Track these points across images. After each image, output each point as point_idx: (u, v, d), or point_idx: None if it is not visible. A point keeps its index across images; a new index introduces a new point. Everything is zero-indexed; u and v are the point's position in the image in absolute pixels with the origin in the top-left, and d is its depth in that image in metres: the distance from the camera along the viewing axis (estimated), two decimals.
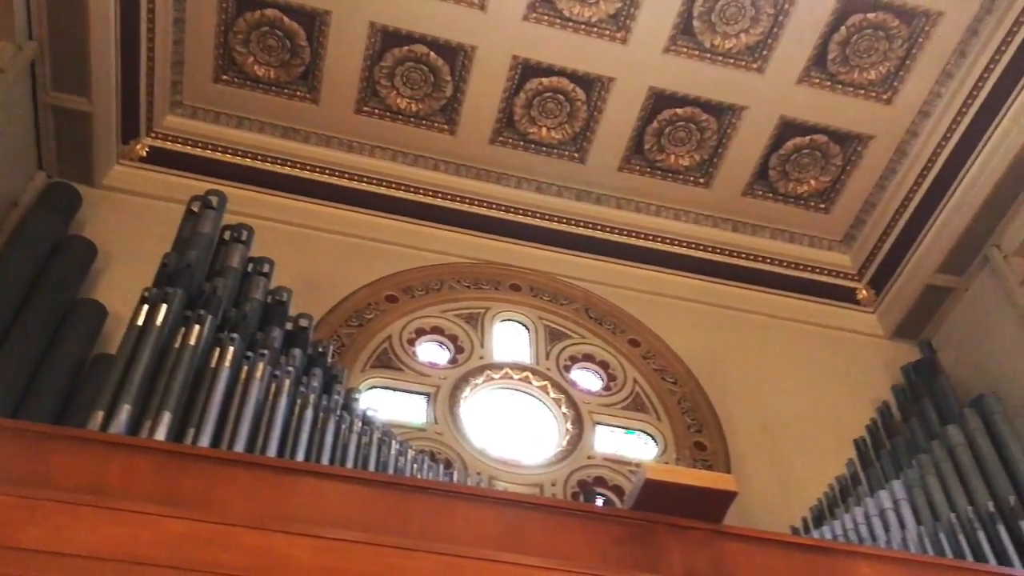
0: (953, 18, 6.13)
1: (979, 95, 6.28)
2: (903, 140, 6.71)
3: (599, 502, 5.02)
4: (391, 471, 4.18)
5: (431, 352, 6.35)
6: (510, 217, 7.06)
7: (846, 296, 7.18)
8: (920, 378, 5.63)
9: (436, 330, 6.43)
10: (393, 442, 4.36)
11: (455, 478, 4.45)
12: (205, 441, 3.93)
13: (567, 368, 6.48)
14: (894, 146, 6.75)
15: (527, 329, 6.65)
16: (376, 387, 6.01)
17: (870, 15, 6.19)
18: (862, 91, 6.54)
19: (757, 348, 6.74)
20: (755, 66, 6.46)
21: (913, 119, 6.61)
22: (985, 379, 6.07)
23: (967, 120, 6.37)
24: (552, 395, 6.24)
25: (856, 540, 4.34)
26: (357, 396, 4.83)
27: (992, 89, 6.19)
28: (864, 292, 7.19)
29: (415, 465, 4.34)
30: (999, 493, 4.50)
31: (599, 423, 6.19)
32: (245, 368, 4.28)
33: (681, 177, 7.09)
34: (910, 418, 5.40)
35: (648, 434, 6.20)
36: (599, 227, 7.14)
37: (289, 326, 4.88)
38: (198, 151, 6.75)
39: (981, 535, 4.27)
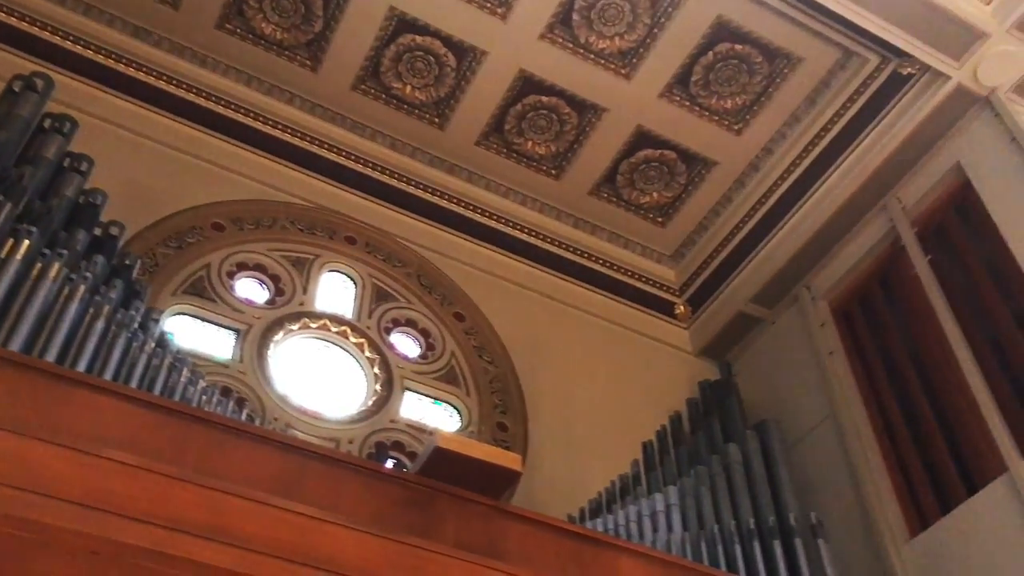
0: (811, 66, 6.47)
1: (819, 144, 6.66)
2: (744, 172, 7.03)
3: (389, 464, 5.02)
4: (176, 399, 4.00)
5: (249, 289, 6.15)
6: (358, 168, 6.92)
7: (665, 309, 7.48)
8: (714, 395, 5.94)
9: (259, 268, 6.23)
10: (185, 369, 4.17)
11: (243, 417, 4.31)
12: None
13: (388, 330, 6.43)
14: (735, 176, 7.07)
15: (354, 284, 6.55)
16: (184, 314, 5.77)
17: (738, 46, 6.44)
18: (716, 117, 6.80)
19: (574, 342, 6.92)
20: (623, 72, 6.59)
21: (757, 154, 6.93)
22: (774, 407, 6.48)
23: (803, 166, 6.75)
24: (367, 354, 6.18)
25: (625, 536, 4.54)
26: (157, 317, 4.61)
27: (831, 142, 6.59)
28: (682, 308, 7.51)
29: (204, 397, 4.17)
30: (761, 512, 4.81)
31: (409, 389, 6.19)
32: (39, 265, 3.98)
33: (535, 165, 7.16)
34: (697, 431, 5.70)
35: (455, 407, 6.25)
36: (446, 196, 7.12)
37: (98, 232, 4.58)
38: (34, 30, 6.22)
39: (738, 548, 4.56)
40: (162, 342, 4.31)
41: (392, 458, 5.50)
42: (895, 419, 5.94)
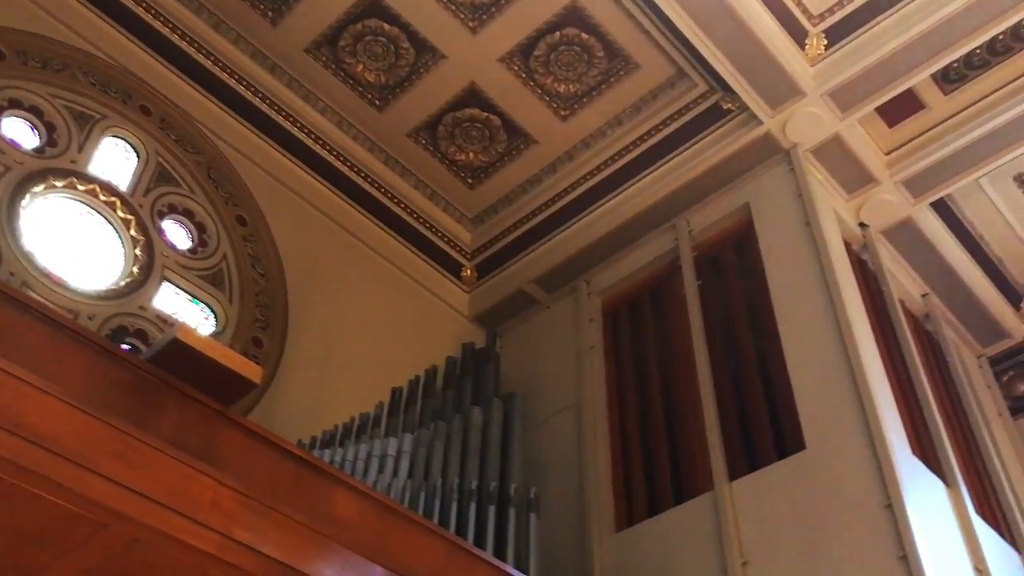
0: (645, 76, 6.68)
1: (632, 152, 6.92)
2: (559, 158, 7.18)
3: (125, 348, 4.73)
4: None
5: (18, 130, 5.58)
6: (174, 39, 6.44)
7: (452, 268, 7.53)
8: (474, 359, 6.05)
9: (35, 110, 5.68)
10: None
11: None
12: None
13: (161, 214, 6.06)
14: (550, 159, 7.20)
15: (137, 156, 6.11)
16: None
17: (584, 35, 6.55)
18: (547, 98, 6.88)
19: (353, 275, 6.82)
20: (472, 24, 6.51)
21: (575, 144, 7.09)
22: (528, 385, 6.69)
23: (613, 168, 6.99)
24: (133, 233, 5.80)
25: (349, 471, 4.53)
26: None
27: (643, 152, 6.86)
28: (468, 272, 7.59)
29: None
30: (486, 477, 4.95)
31: (168, 280, 5.86)
32: None
33: (361, 90, 6.96)
34: (448, 389, 5.77)
35: (213, 311, 5.99)
36: (261, 95, 6.77)
37: None
38: None
39: (454, 506, 4.67)
40: None
41: (129, 344, 5.19)
42: (631, 420, 6.30)
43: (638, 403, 6.36)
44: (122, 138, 6.08)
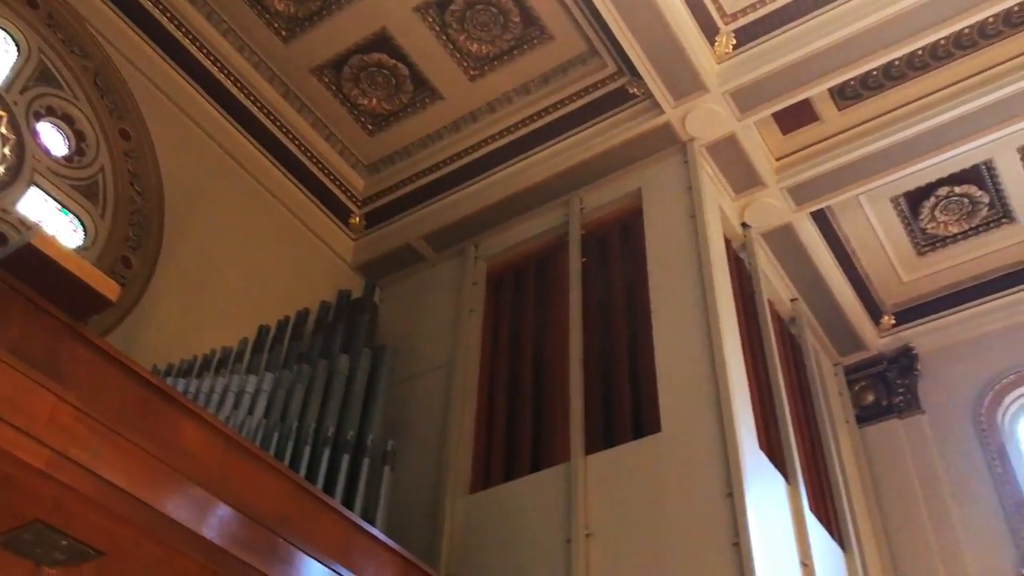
0: (558, 47, 6.67)
1: (535, 122, 6.91)
2: (462, 118, 7.11)
3: None
4: None
5: None
6: None
7: (341, 214, 7.40)
8: (349, 308, 5.97)
9: None
10: None
11: None
12: None
13: (38, 115, 5.73)
14: (454, 118, 7.12)
15: (18, 50, 5.75)
16: None
17: None
18: (458, 55, 6.80)
19: (237, 207, 6.63)
20: None
21: (480, 106, 7.04)
22: (403, 340, 6.67)
23: (514, 135, 6.98)
24: (3, 130, 5.46)
25: (203, 404, 4.42)
26: None
27: (545, 124, 6.87)
28: (357, 219, 7.47)
29: None
30: (344, 426, 4.92)
31: (37, 185, 5.57)
32: None
33: (268, 18, 6.71)
34: (319, 333, 5.69)
35: (83, 223, 5.73)
36: (161, 7, 6.45)
37: None
38: None
39: (308, 450, 4.62)
40: None
41: None
42: (499, 387, 6.36)
43: (508, 370, 6.43)
44: (4, 29, 5.71)
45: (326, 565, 3.87)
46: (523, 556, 5.29)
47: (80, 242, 5.68)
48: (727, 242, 6.54)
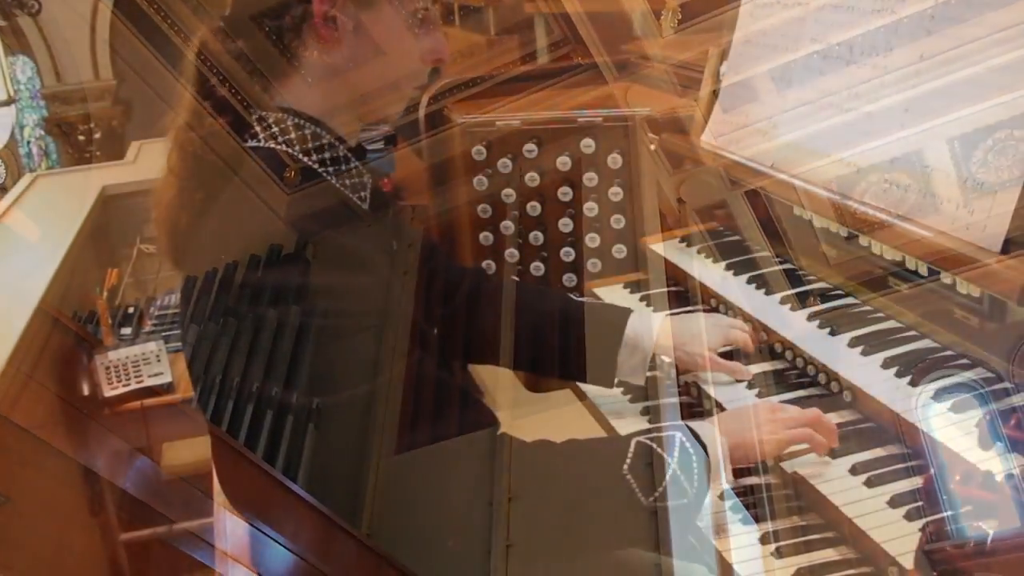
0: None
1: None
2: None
3: None
4: None
5: None
6: None
7: (275, 167, 7.22)
8: (279, 262, 5.84)
9: None
10: None
11: None
12: None
13: None
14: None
15: None
16: None
17: None
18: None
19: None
20: None
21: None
22: (335, 299, 6.38)
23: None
24: None
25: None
26: None
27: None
28: (292, 173, 7.28)
29: None
30: (270, 382, 4.84)
31: None
32: None
33: None
34: (247, 287, 5.56)
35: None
36: None
37: None
38: None
39: (230, 405, 4.55)
40: None
41: None
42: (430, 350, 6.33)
43: None
44: None
45: (244, 519, 3.84)
46: (445, 518, 5.31)
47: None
48: None
